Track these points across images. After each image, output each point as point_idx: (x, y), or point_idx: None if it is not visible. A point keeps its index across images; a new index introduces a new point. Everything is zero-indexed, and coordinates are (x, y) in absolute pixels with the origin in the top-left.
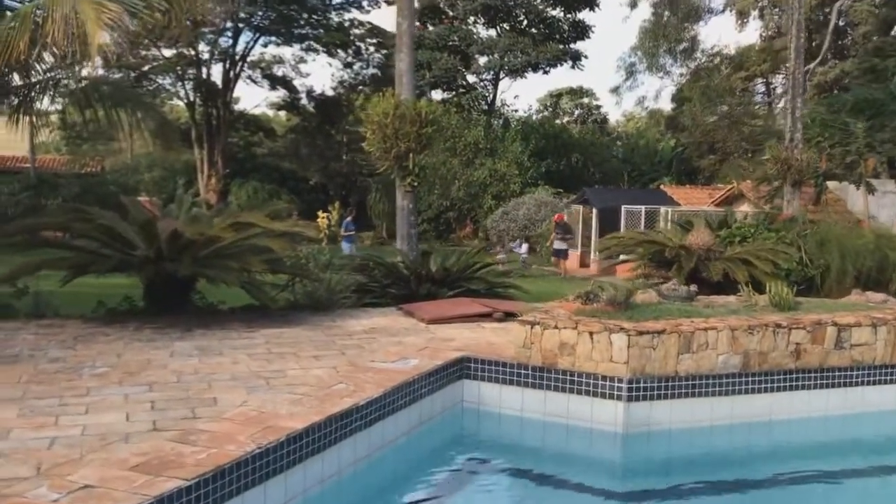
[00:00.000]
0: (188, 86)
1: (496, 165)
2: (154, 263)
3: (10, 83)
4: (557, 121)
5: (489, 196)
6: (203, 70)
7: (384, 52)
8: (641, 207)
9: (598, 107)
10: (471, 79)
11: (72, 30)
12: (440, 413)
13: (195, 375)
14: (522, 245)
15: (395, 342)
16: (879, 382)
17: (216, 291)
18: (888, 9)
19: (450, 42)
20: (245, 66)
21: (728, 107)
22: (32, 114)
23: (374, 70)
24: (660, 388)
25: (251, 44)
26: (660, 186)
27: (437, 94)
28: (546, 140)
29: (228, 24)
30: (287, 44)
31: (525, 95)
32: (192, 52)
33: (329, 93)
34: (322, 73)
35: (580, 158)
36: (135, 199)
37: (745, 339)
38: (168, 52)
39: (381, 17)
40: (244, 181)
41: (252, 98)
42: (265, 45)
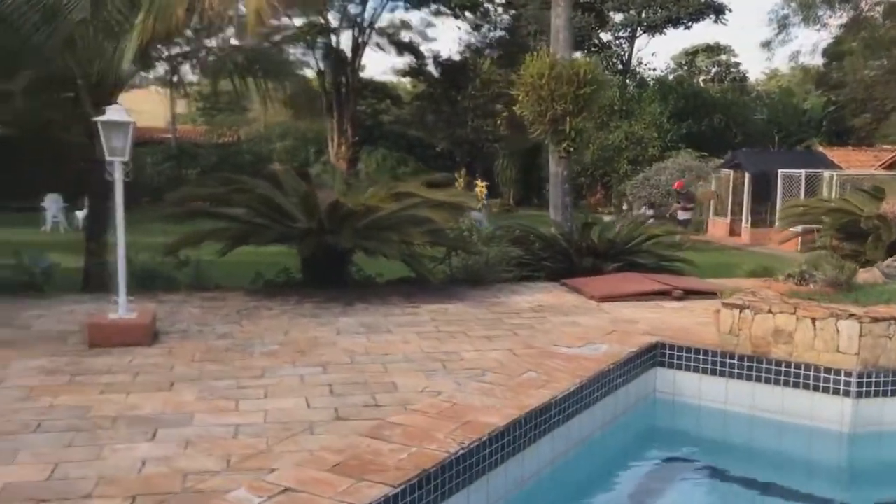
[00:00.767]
0: (317, 55)
1: (632, 128)
2: (316, 235)
3: (161, 54)
4: (694, 80)
5: (625, 160)
6: (332, 38)
7: (512, 13)
8: (801, 171)
9: (738, 64)
10: (604, 37)
11: None
12: (633, 405)
13: (367, 356)
14: (648, 210)
15: (569, 322)
16: None
17: (371, 263)
18: None
19: None
20: (373, 33)
21: (889, 60)
22: (181, 85)
23: (502, 32)
24: (895, 384)
25: (379, 10)
26: (809, 148)
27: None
28: (685, 100)
29: None
30: (415, 7)
31: (662, 54)
32: (322, 21)
33: (455, 58)
34: (447, 38)
35: (723, 119)
36: (288, 169)
37: None
38: (298, 22)
39: None
40: (373, 149)
41: (377, 65)
42: (392, 11)
